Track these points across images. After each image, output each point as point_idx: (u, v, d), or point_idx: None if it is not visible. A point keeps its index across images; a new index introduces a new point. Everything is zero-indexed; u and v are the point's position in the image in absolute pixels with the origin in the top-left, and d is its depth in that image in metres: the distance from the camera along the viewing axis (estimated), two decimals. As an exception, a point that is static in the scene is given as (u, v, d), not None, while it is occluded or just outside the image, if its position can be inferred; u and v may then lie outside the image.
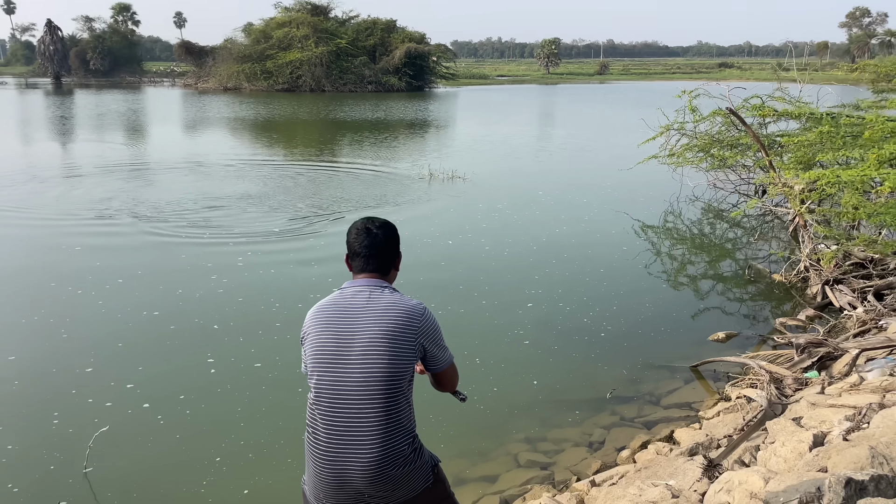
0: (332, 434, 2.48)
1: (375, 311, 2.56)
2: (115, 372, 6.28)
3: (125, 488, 4.67)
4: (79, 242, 10.34)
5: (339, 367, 2.50)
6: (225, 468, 4.93)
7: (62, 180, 15.77)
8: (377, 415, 2.47)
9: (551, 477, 4.76)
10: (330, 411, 2.49)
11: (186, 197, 13.83)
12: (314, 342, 2.56)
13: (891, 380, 4.95)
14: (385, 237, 2.71)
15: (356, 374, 2.47)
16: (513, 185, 16.30)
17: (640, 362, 6.64)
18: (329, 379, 2.50)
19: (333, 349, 2.52)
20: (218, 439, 5.28)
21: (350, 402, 2.47)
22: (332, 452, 2.48)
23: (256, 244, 10.38)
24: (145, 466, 4.94)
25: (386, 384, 2.48)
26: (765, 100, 12.46)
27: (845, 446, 3.68)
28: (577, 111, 43.81)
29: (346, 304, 2.60)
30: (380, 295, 2.61)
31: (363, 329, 2.52)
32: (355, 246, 2.71)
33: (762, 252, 10.96)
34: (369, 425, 2.46)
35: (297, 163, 19.29)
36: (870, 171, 5.41)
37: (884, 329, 6.70)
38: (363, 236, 2.69)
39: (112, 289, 8.34)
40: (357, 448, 2.46)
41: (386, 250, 2.71)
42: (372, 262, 2.69)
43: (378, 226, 2.73)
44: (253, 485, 4.75)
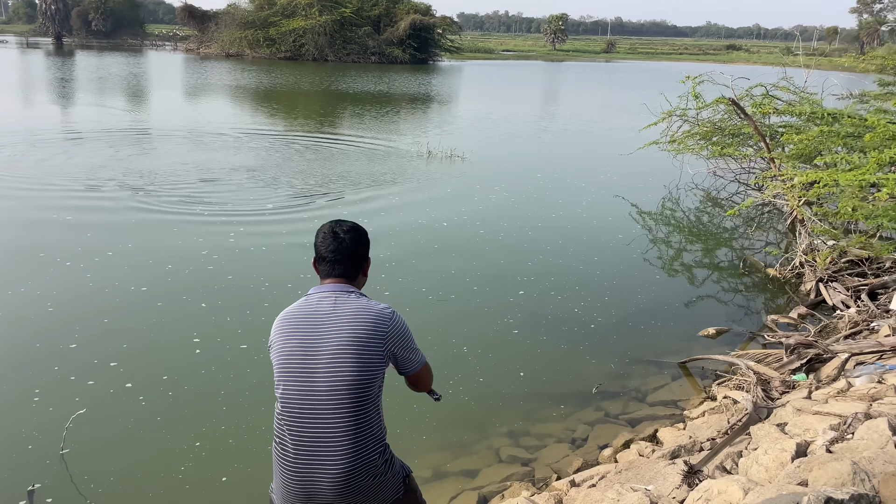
0: (301, 445, 2.42)
1: (342, 318, 2.48)
2: (100, 349, 6.22)
3: (102, 471, 4.63)
4: (70, 213, 10.23)
5: (305, 376, 2.43)
6: (204, 453, 4.89)
7: (59, 146, 15.60)
8: (346, 424, 2.40)
9: (532, 474, 4.73)
10: (298, 422, 2.43)
11: (182, 168, 13.69)
12: (280, 351, 2.49)
13: (878, 387, 4.91)
14: (352, 242, 2.63)
15: (323, 384, 2.41)
16: (512, 166, 16.17)
17: (628, 356, 6.59)
18: (296, 389, 2.43)
19: (300, 358, 2.45)
20: (199, 423, 5.23)
21: (318, 413, 2.40)
22: (301, 464, 2.42)
23: (249, 221, 10.28)
24: (123, 449, 4.89)
25: (354, 393, 2.41)
26: (769, 88, 12.29)
27: (828, 459, 3.64)
28: (582, 91, 43.46)
29: (312, 311, 2.53)
30: (346, 300, 2.54)
31: (330, 336, 2.45)
32: (322, 250, 2.63)
33: (759, 243, 10.89)
34: (338, 435, 2.40)
35: (296, 135, 19.11)
36: (868, 176, 5.31)
37: (875, 331, 6.65)
38: (330, 240, 2.62)
39: (101, 262, 8.26)
40: (326, 459, 2.40)
41: (353, 255, 2.63)
42: (338, 267, 2.61)
43: (346, 230, 2.64)
44: (232, 472, 4.71)
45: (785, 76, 12.48)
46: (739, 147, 12.78)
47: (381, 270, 8.29)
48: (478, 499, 4.43)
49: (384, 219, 10.63)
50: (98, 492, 4.43)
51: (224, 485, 4.60)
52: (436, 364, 6.20)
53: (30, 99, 26.57)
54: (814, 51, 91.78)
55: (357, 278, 2.67)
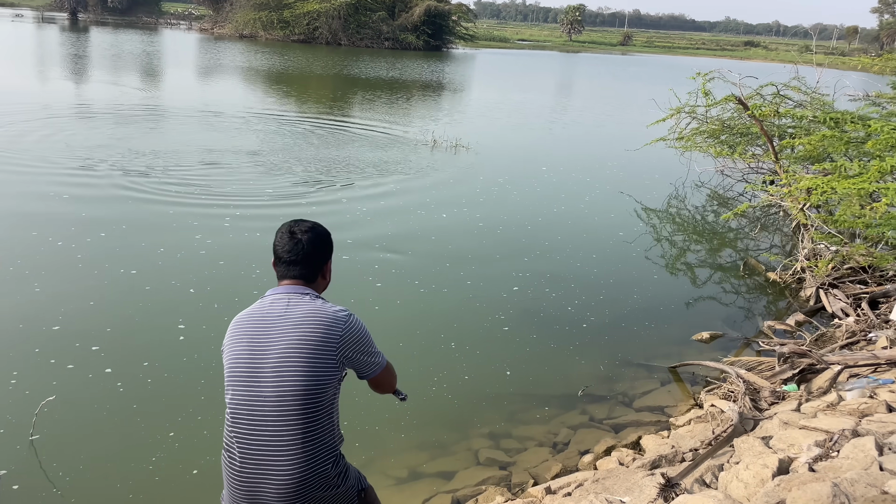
0: (248, 454, 2.30)
1: (293, 320, 2.36)
2: (83, 332, 6.15)
3: (72, 459, 4.56)
4: (67, 191, 10.15)
5: (252, 381, 2.31)
6: (177, 444, 4.81)
7: (66, 123, 15.53)
8: (294, 433, 2.28)
9: (509, 478, 4.62)
10: (244, 430, 2.31)
11: (186, 150, 13.58)
12: (229, 355, 2.39)
13: (869, 403, 4.76)
14: (309, 243, 2.50)
15: (269, 390, 2.28)
16: (517, 158, 15.98)
17: (618, 358, 6.47)
18: (243, 395, 2.31)
19: (247, 363, 2.33)
20: (175, 413, 5.15)
21: (265, 420, 2.28)
22: (248, 474, 2.31)
23: (246, 206, 10.16)
24: (96, 437, 4.82)
25: (303, 400, 2.28)
26: (780, 88, 12.07)
27: (809, 479, 3.52)
28: (594, 83, 43.12)
29: (264, 313, 2.41)
30: (299, 302, 2.41)
31: (277, 340, 2.33)
32: (278, 250, 2.52)
33: (763, 244, 10.71)
34: (286, 444, 2.28)
35: (304, 119, 18.96)
36: (867, 185, 5.14)
37: (872, 342, 6.49)
38: (286, 240, 2.50)
39: (93, 242, 8.19)
40: (274, 469, 2.28)
41: (310, 257, 2.50)
42: (294, 269, 2.49)
43: (304, 230, 2.52)
44: (203, 465, 4.61)
45: (797, 76, 12.25)
46: (748, 146, 12.58)
47: (375, 261, 8.19)
48: (451, 502, 4.33)
49: (383, 208, 10.52)
50: (66, 479, 4.37)
51: (194, 478, 4.51)
52: (422, 360, 6.16)
53: (44, 74, 26.53)
54: (832, 49, 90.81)
55: (315, 280, 2.54)
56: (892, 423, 4.38)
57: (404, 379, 5.81)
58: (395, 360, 2.69)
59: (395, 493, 4.46)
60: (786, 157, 11.24)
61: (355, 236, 9.04)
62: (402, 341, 6.40)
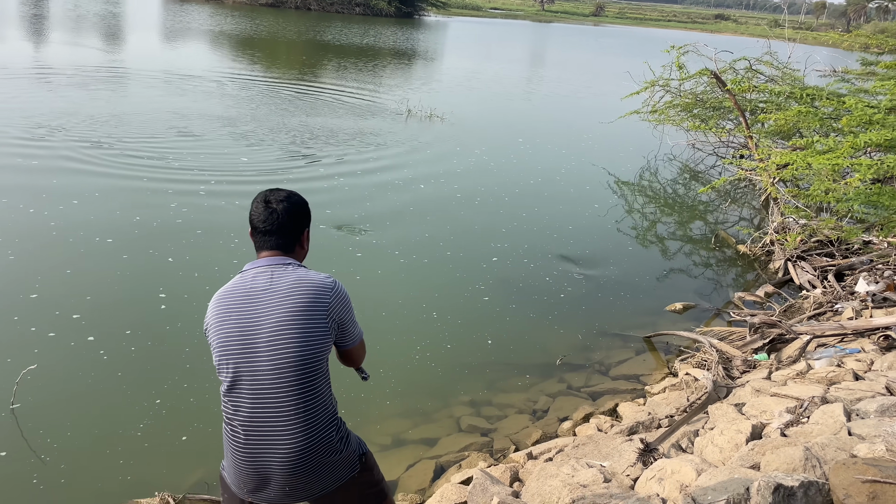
0: (251, 428, 2.32)
1: (280, 292, 2.35)
2: (62, 301, 6.10)
3: (58, 426, 4.57)
4: (37, 157, 9.94)
5: (248, 357, 2.31)
6: (164, 411, 4.85)
7: (28, 86, 15.13)
8: (295, 403, 2.30)
9: (490, 444, 4.76)
10: (246, 405, 2.32)
11: (156, 116, 13.31)
12: (218, 334, 2.36)
13: (837, 371, 4.98)
14: (285, 212, 2.47)
15: (267, 363, 2.29)
16: (494, 129, 16.01)
17: (595, 328, 6.63)
18: (239, 373, 2.32)
19: (239, 339, 2.32)
20: (160, 380, 5.18)
21: (264, 394, 2.30)
22: (253, 447, 2.33)
23: (222, 175, 10.05)
24: (82, 404, 4.84)
25: (301, 369, 2.30)
26: (752, 62, 12.24)
27: (781, 443, 3.69)
28: (568, 54, 43.06)
29: (248, 288, 2.39)
30: (283, 273, 2.40)
31: (268, 313, 2.33)
32: (254, 220, 2.48)
33: (733, 217, 10.95)
34: (289, 415, 2.30)
35: (276, 86, 18.68)
36: (841, 160, 5.31)
37: (839, 313, 6.74)
38: (262, 210, 2.47)
39: (66, 210, 8.06)
40: (278, 440, 2.31)
41: (286, 226, 2.47)
42: (271, 239, 2.46)
43: (280, 199, 2.48)
44: (192, 431, 4.68)
45: (769, 50, 12.43)
46: (720, 121, 12.77)
47: (354, 232, 8.23)
48: (435, 468, 4.45)
49: (360, 179, 10.51)
50: (53, 447, 4.39)
51: (183, 444, 4.57)
52: (405, 329, 6.24)
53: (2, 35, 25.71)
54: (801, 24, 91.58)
55: (294, 250, 2.51)
56: (859, 390, 4.59)
57: (388, 348, 5.93)
58: (378, 329, 2.76)
59: (380, 460, 4.52)
60: (756, 132, 11.44)
61: (334, 207, 9.04)
62: (384, 311, 6.47)
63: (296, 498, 2.44)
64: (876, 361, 5.36)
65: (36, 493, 4.05)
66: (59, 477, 4.18)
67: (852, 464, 3.27)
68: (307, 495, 2.44)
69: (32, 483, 4.10)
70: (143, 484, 4.12)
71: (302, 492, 2.41)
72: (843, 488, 3.09)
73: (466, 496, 3.57)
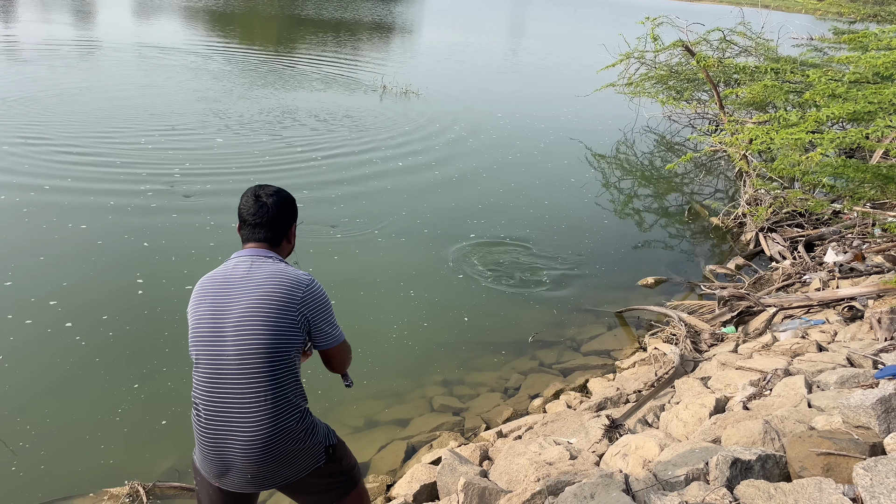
0: (213, 414, 2.39)
1: (255, 281, 2.43)
2: (37, 287, 6.10)
3: (36, 412, 4.61)
4: (5, 143, 9.81)
5: (215, 341, 2.39)
6: (143, 396, 4.91)
7: None
8: (257, 390, 2.36)
9: (462, 423, 4.87)
10: (209, 389, 2.39)
11: (126, 94, 13.17)
12: (193, 318, 2.46)
13: (801, 343, 5.11)
14: (274, 206, 2.56)
15: (231, 349, 2.36)
16: (473, 104, 15.88)
17: (569, 304, 6.74)
18: (206, 355, 2.40)
19: (209, 323, 2.41)
20: (138, 365, 5.23)
21: (227, 378, 2.36)
22: (215, 433, 2.40)
23: (196, 156, 9.99)
24: (60, 390, 4.88)
25: (265, 358, 2.36)
26: (726, 33, 12.30)
27: (742, 417, 3.82)
28: (546, 26, 42.80)
29: (227, 275, 2.48)
30: (262, 265, 2.48)
31: (239, 300, 2.40)
32: (243, 213, 2.57)
33: (707, 189, 11.08)
34: (249, 402, 2.36)
35: (251, 63, 18.46)
36: (802, 135, 5.40)
37: (807, 284, 6.88)
38: (251, 203, 2.56)
39: (37, 197, 7.97)
40: (238, 426, 2.37)
41: (275, 220, 2.56)
42: (259, 231, 2.55)
43: (269, 194, 2.58)
44: (170, 416, 4.74)
45: (743, 21, 12.48)
46: (695, 92, 12.84)
47: (331, 212, 8.25)
48: (406, 448, 4.55)
49: (336, 157, 10.49)
50: (32, 434, 4.44)
51: (163, 428, 4.64)
52: (382, 308, 6.31)
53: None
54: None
55: (280, 244, 2.60)
56: (821, 361, 4.72)
57: (365, 328, 5.98)
58: (355, 309, 2.81)
59: (352, 442, 4.62)
60: (731, 103, 11.53)
61: (310, 186, 9.05)
62: (362, 290, 6.53)
63: (259, 486, 2.51)
64: (840, 332, 5.50)
65: (15, 479, 4.10)
66: (38, 463, 4.23)
67: (808, 437, 3.38)
68: (271, 484, 2.50)
69: (11, 470, 4.15)
70: (119, 469, 4.19)
71: (264, 480, 2.47)
72: (798, 461, 3.20)
73: (436, 476, 3.68)
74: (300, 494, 2.62)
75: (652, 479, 3.14)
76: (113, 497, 3.93)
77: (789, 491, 2.85)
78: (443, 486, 3.60)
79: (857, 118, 5.70)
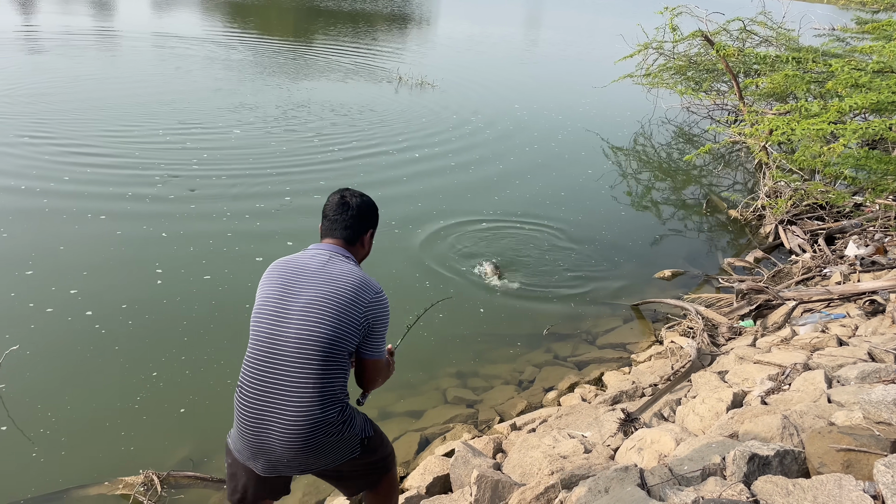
0: (258, 396, 2.44)
1: (330, 275, 2.51)
2: (58, 276, 6.17)
3: (56, 398, 4.66)
4: (27, 133, 9.89)
5: (278, 322, 2.45)
6: (162, 384, 4.95)
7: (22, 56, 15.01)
8: (307, 380, 2.41)
9: (475, 416, 4.86)
10: (260, 369, 2.45)
11: (143, 86, 13.26)
12: (261, 294, 2.54)
13: (821, 337, 5.05)
14: (358, 207, 2.68)
15: (292, 332, 2.42)
16: (490, 95, 15.80)
17: (585, 297, 6.70)
18: (266, 333, 2.46)
19: (276, 303, 2.48)
20: (157, 353, 5.27)
21: (281, 363, 2.42)
22: (257, 416, 2.44)
23: (213, 147, 10.03)
24: (80, 378, 4.93)
25: (321, 350, 2.41)
26: (746, 23, 12.14)
27: (761, 411, 3.78)
28: (566, 16, 42.51)
29: (302, 262, 2.56)
30: (338, 262, 2.56)
31: (309, 288, 2.48)
32: (327, 210, 2.69)
33: (726, 181, 10.97)
34: (297, 391, 2.40)
35: (266, 54, 18.50)
36: (824, 125, 5.31)
37: (827, 277, 6.80)
38: (336, 202, 2.68)
39: (57, 187, 8.05)
40: (282, 414, 2.41)
41: (357, 220, 2.67)
42: (340, 229, 2.65)
43: (355, 196, 2.71)
44: (188, 403, 4.78)
45: (763, 10, 12.31)
46: (714, 83, 12.70)
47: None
48: (420, 440, 4.55)
49: (353, 148, 10.49)
50: (52, 420, 4.49)
51: (181, 416, 4.68)
52: (399, 299, 6.31)
53: None
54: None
55: (356, 245, 2.69)
56: (841, 356, 4.66)
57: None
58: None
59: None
60: (751, 94, 11.39)
61: (327, 177, 9.07)
62: (378, 281, 6.51)
63: (292, 472, 2.56)
64: (861, 327, 5.43)
65: (36, 465, 4.15)
66: (59, 450, 4.28)
67: (828, 432, 3.33)
68: (304, 470, 2.56)
69: (32, 456, 4.20)
70: (137, 456, 4.23)
71: (298, 466, 2.52)
72: (818, 457, 3.16)
73: (449, 468, 3.67)
74: (334, 479, 2.70)
75: (667, 474, 3.12)
76: (127, 486, 3.97)
77: (808, 487, 2.82)
78: (456, 478, 3.60)
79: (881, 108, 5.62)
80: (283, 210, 7.94)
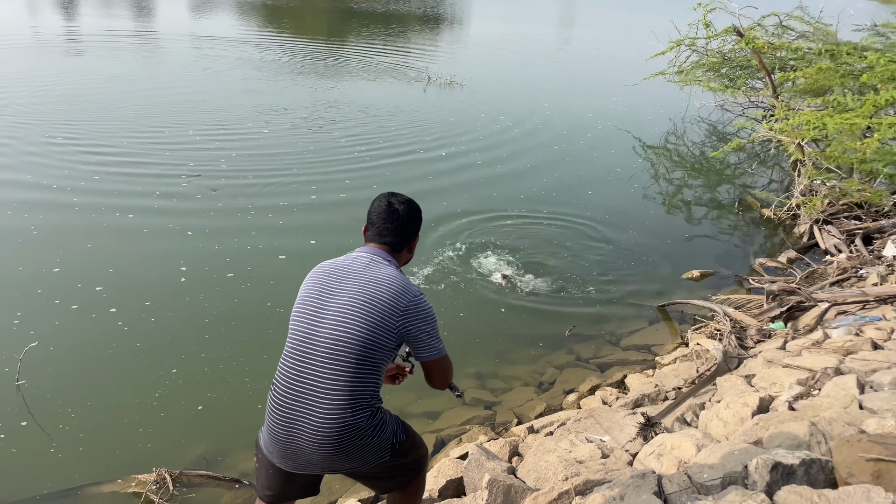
0: (292, 395, 2.43)
1: (368, 278, 2.49)
2: (84, 274, 6.23)
3: (77, 396, 4.70)
4: (60, 133, 10.03)
5: (314, 321, 2.45)
6: (181, 381, 4.96)
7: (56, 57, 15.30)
8: (338, 382, 2.39)
9: (493, 418, 4.77)
10: (295, 369, 2.44)
11: (176, 86, 13.41)
12: (301, 294, 2.55)
13: (855, 340, 4.87)
14: (405, 214, 2.66)
15: (326, 333, 2.41)
16: (519, 94, 15.65)
17: (609, 297, 6.57)
18: (302, 332, 2.46)
19: (314, 303, 2.48)
20: (178, 350, 5.29)
21: (314, 364, 2.41)
22: (289, 416, 2.43)
23: (243, 146, 10.09)
24: (101, 374, 4.97)
25: (354, 353, 2.39)
26: (782, 18, 11.85)
27: (788, 417, 3.63)
28: (599, 13, 42.11)
29: (343, 265, 2.56)
30: (379, 267, 2.54)
31: (346, 291, 2.47)
32: (373, 216, 2.67)
33: (761, 180, 10.71)
34: (330, 388, 2.39)
35: (299, 54, 18.60)
36: (859, 120, 5.10)
37: (863, 279, 6.58)
38: (383, 208, 2.66)
39: (87, 186, 8.15)
40: (313, 415, 2.40)
41: (403, 227, 2.65)
42: (386, 235, 2.63)
43: (401, 201, 2.68)
44: (206, 401, 4.78)
45: (800, 5, 12.00)
46: (748, 79, 12.41)
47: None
48: (435, 442, 4.48)
49: (381, 147, 10.46)
50: (72, 416, 4.52)
51: (199, 413, 4.68)
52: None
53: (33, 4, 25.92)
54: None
55: (401, 251, 2.67)
56: (875, 360, 4.48)
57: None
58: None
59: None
60: (786, 91, 11.11)
61: (353, 176, 9.06)
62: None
63: (322, 471, 2.56)
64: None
65: (54, 461, 4.18)
66: (77, 445, 4.31)
67: (857, 440, 3.18)
68: (334, 471, 2.56)
69: (50, 452, 4.23)
70: (154, 453, 4.24)
71: (328, 467, 2.51)
72: (846, 466, 3.00)
73: (462, 471, 3.60)
74: (364, 479, 2.70)
75: (686, 482, 3.01)
76: (140, 483, 3.97)
77: (834, 499, 2.68)
78: (469, 481, 3.52)
79: (920, 104, 5.39)
80: (307, 208, 7.93)
